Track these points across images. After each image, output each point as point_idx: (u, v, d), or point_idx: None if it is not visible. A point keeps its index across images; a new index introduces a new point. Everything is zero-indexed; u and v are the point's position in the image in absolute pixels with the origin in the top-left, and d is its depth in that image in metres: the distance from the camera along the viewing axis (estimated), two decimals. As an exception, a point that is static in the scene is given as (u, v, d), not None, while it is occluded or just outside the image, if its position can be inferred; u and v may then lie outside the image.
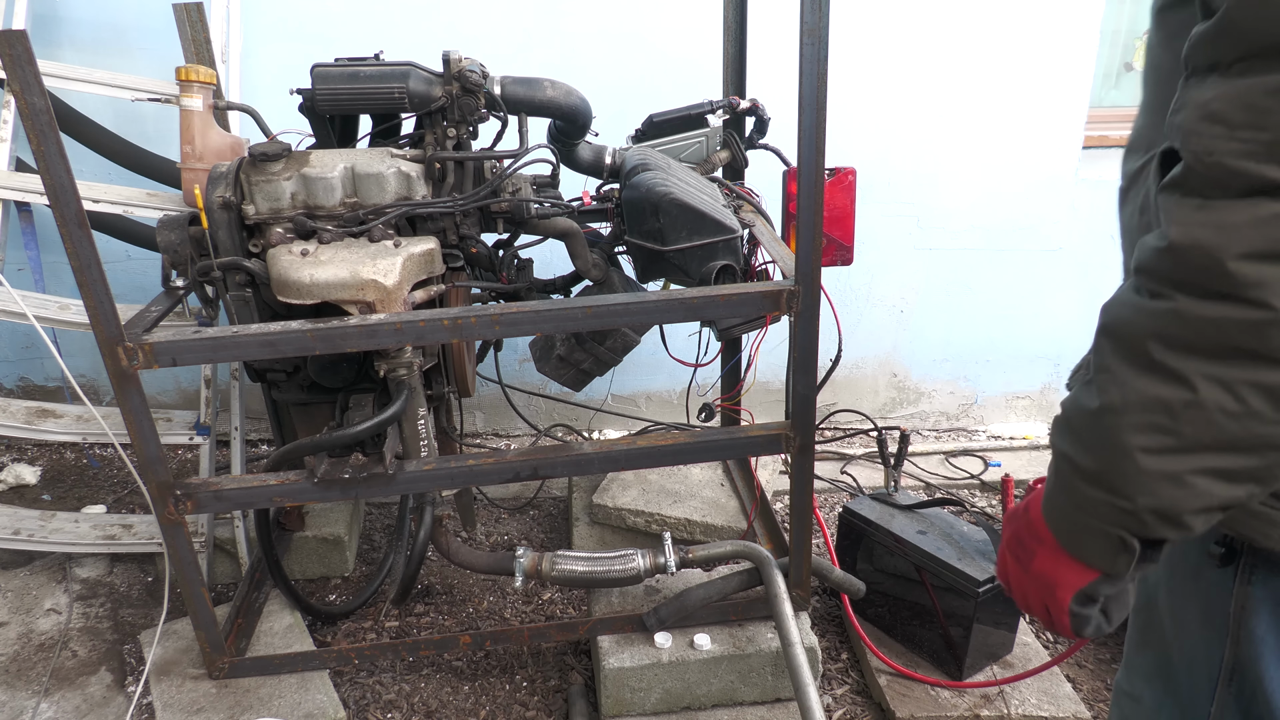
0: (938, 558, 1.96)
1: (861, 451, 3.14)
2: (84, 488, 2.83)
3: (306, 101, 1.84)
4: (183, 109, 1.99)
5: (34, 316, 2.07)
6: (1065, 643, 2.24)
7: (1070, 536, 0.84)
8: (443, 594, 2.41)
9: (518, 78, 1.87)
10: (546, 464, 1.82)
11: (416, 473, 1.80)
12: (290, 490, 1.78)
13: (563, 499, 2.87)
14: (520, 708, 2.03)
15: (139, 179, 2.54)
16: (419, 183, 1.78)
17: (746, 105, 2.23)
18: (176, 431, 2.26)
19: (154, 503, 1.72)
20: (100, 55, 2.62)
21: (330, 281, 1.63)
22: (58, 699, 2.00)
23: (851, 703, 2.04)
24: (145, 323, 1.63)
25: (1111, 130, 3.23)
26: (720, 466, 2.68)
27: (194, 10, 2.30)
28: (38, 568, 2.43)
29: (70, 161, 1.41)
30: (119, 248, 2.74)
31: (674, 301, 1.68)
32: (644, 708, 1.93)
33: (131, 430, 1.63)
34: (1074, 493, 0.82)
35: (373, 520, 2.75)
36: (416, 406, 1.85)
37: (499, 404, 3.15)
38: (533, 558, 1.98)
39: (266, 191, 1.70)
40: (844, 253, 2.16)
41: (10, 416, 2.25)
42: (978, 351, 3.30)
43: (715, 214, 1.87)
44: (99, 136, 2.51)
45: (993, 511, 2.81)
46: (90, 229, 1.46)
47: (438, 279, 1.84)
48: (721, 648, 1.93)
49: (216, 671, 1.92)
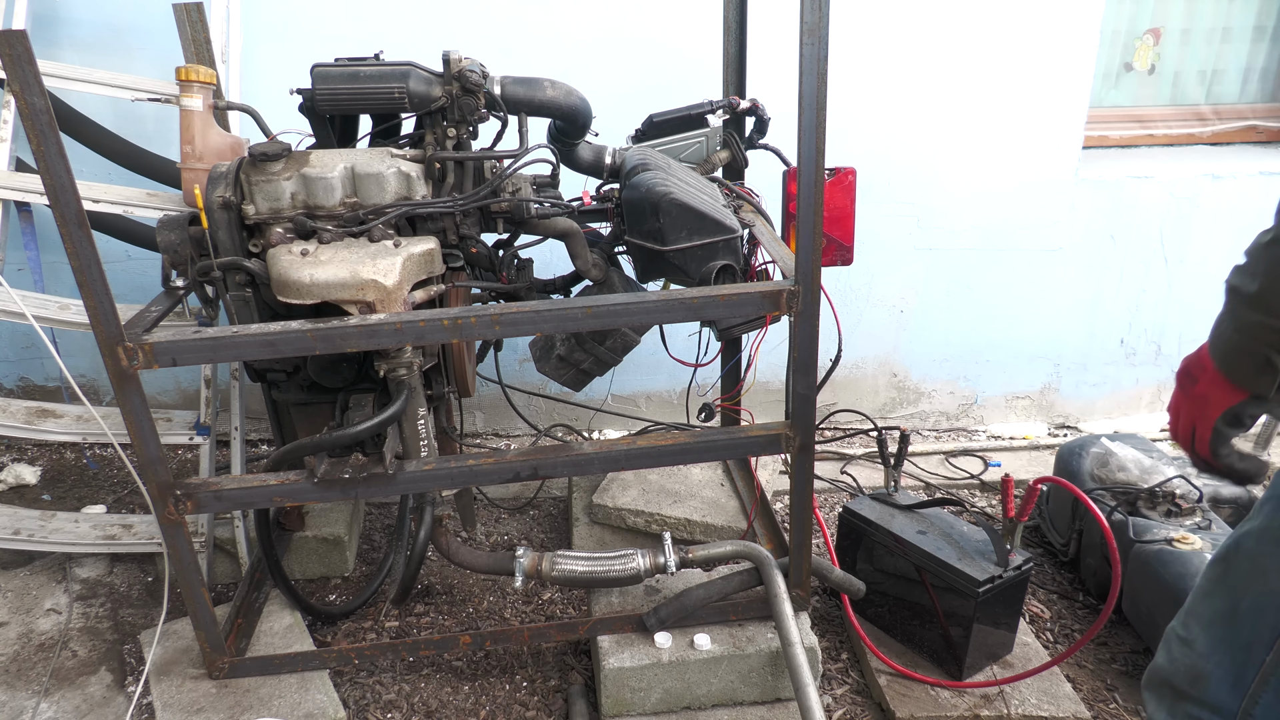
0: (938, 558, 1.96)
1: (861, 451, 3.14)
2: (84, 488, 2.83)
3: (306, 101, 1.84)
4: (183, 109, 1.99)
5: (34, 316, 2.07)
6: (1065, 643, 2.24)
7: (1226, 358, 1.03)
8: (443, 594, 2.41)
9: (518, 78, 1.87)
10: (546, 464, 1.82)
11: (416, 473, 1.80)
12: (290, 490, 1.78)
13: (563, 499, 2.87)
14: (520, 708, 2.03)
15: (139, 179, 2.54)
16: (419, 183, 1.78)
17: (746, 105, 2.23)
18: (176, 431, 2.26)
19: (154, 503, 1.72)
20: (100, 55, 2.62)
21: (330, 281, 1.63)
22: (58, 699, 2.00)
23: (851, 703, 2.04)
24: (145, 323, 1.63)
25: (1111, 130, 3.23)
26: (720, 466, 2.68)
27: (194, 10, 2.30)
28: (38, 568, 2.43)
29: (70, 161, 1.41)
30: (119, 248, 2.74)
31: (674, 301, 1.68)
32: (644, 708, 1.93)
33: (131, 430, 1.63)
34: (1236, 317, 1.00)
35: (373, 520, 2.75)
36: (416, 406, 1.85)
37: (499, 404, 3.15)
38: (533, 558, 1.98)
39: (266, 191, 1.70)
40: (844, 253, 2.16)
41: (10, 416, 2.25)
42: (978, 351, 3.30)
43: (715, 214, 1.87)
44: (99, 136, 2.51)
45: (993, 511, 2.81)
46: (90, 229, 1.46)
47: (438, 279, 1.84)
48: (721, 648, 1.93)
49: (216, 671, 1.92)
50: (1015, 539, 1.96)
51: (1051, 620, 2.31)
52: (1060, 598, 2.39)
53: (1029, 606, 2.34)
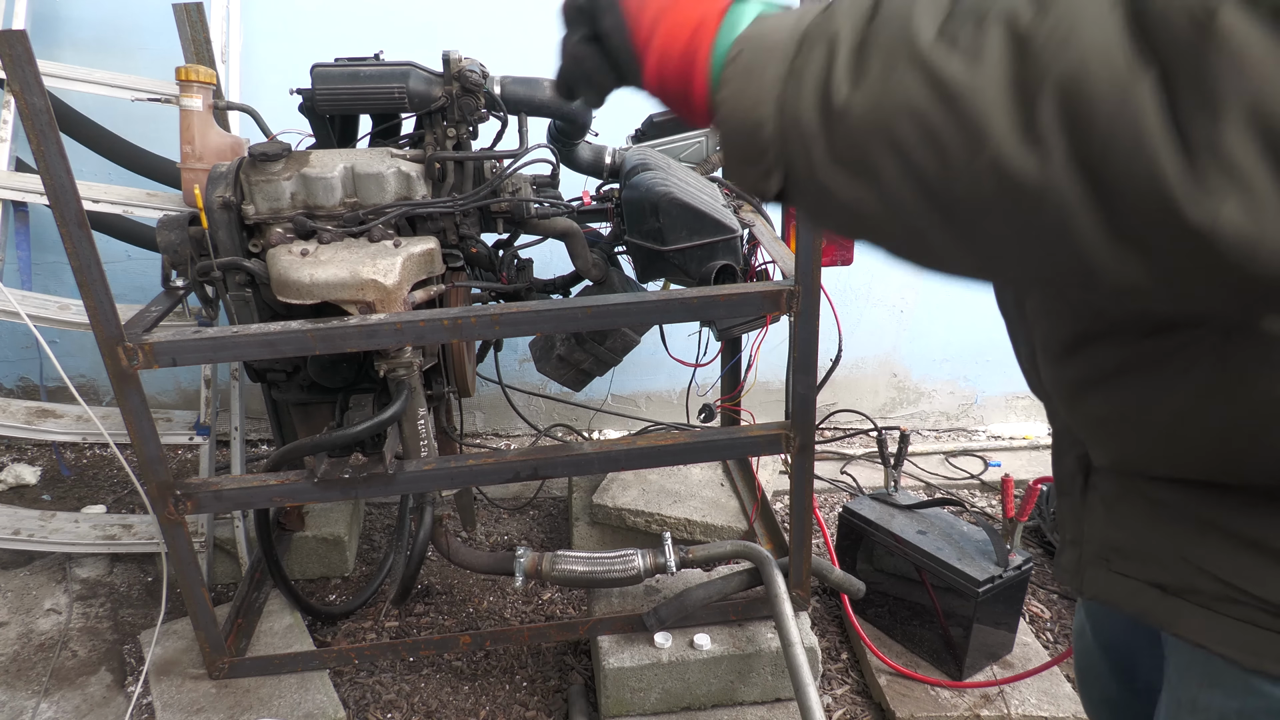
0: (938, 558, 1.96)
1: (861, 451, 3.14)
2: (84, 488, 2.83)
3: (306, 101, 1.84)
4: (183, 109, 1.99)
5: (32, 317, 2.07)
6: (1065, 643, 2.23)
7: None
8: (443, 594, 2.41)
9: (518, 78, 1.87)
10: (546, 464, 1.82)
11: (416, 473, 1.80)
12: (290, 490, 1.78)
13: (563, 499, 2.87)
14: (520, 708, 2.03)
15: (139, 179, 2.54)
16: (419, 183, 1.78)
17: (746, 105, 2.23)
18: (176, 431, 2.26)
19: (154, 503, 1.72)
20: (100, 55, 2.62)
21: (330, 281, 1.63)
22: (58, 699, 2.00)
23: (851, 703, 2.04)
24: (145, 323, 1.63)
25: (1111, 130, 3.22)
26: (720, 466, 2.67)
27: (194, 10, 2.29)
28: (38, 568, 2.43)
29: (70, 161, 1.41)
30: (119, 248, 2.74)
31: (674, 301, 1.68)
32: (644, 708, 1.93)
33: (131, 430, 1.63)
34: None
35: (373, 520, 2.75)
36: (416, 406, 1.85)
37: (499, 404, 3.15)
38: (533, 558, 1.98)
39: (266, 191, 1.70)
40: (844, 253, 2.16)
41: (10, 416, 2.25)
42: (978, 351, 3.30)
43: (715, 214, 1.87)
44: (99, 136, 2.50)
45: (993, 511, 2.81)
46: (90, 229, 1.46)
47: (438, 279, 1.84)
48: (721, 648, 1.93)
49: (216, 671, 1.92)
50: (1015, 539, 1.96)
51: (1051, 620, 2.31)
52: (1060, 598, 2.39)
53: (1029, 606, 2.34)
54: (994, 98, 0.47)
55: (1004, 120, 0.47)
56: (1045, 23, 0.45)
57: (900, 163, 0.52)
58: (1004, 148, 0.47)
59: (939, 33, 0.49)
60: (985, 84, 0.47)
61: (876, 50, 0.52)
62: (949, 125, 0.49)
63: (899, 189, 0.53)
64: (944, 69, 0.49)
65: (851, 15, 0.55)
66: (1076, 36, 0.44)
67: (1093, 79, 0.44)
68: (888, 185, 0.53)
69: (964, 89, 0.48)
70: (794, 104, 0.56)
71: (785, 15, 0.61)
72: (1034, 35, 0.46)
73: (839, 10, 0.56)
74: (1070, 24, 0.45)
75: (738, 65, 0.60)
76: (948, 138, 0.49)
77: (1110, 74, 0.44)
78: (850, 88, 0.53)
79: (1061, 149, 0.45)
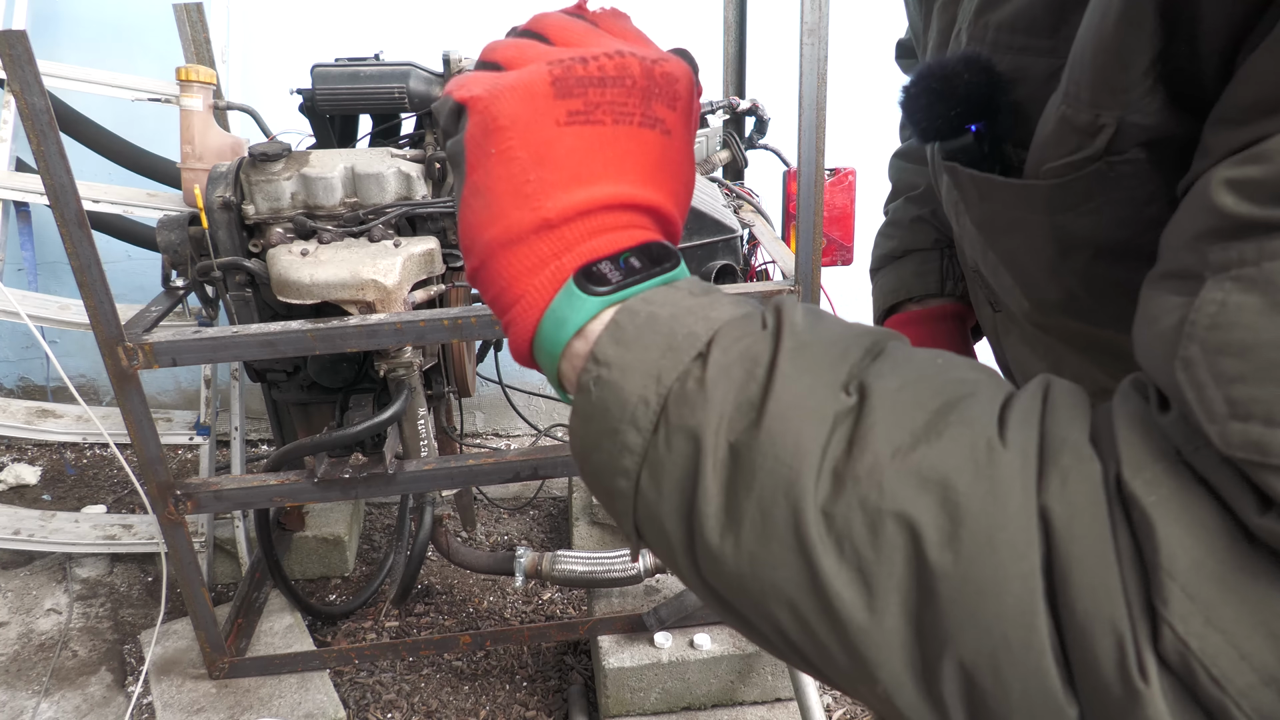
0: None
1: (861, 451, 3.13)
2: (84, 488, 2.83)
3: (306, 101, 1.84)
4: (183, 109, 1.99)
5: (33, 316, 2.07)
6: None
7: None
8: (443, 594, 2.41)
9: (518, 78, 1.87)
10: (546, 464, 1.82)
11: (416, 473, 1.80)
12: (290, 490, 1.78)
13: (563, 499, 2.87)
14: (520, 708, 2.03)
15: (139, 179, 2.54)
16: (419, 182, 1.78)
17: (746, 105, 2.23)
18: (176, 431, 2.26)
19: (154, 503, 1.72)
20: (100, 55, 2.62)
21: (330, 281, 1.63)
22: (58, 699, 2.00)
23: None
24: (145, 323, 1.63)
25: (1111, 130, 3.22)
26: (720, 466, 2.67)
27: (194, 10, 2.30)
28: (38, 568, 2.43)
29: (70, 161, 1.41)
30: (119, 248, 2.74)
31: (674, 301, 1.68)
32: (644, 708, 1.93)
33: (132, 430, 1.63)
34: None
35: (373, 520, 2.75)
36: (416, 406, 1.85)
37: (499, 404, 3.15)
38: (533, 558, 1.98)
39: (266, 191, 1.70)
40: (844, 253, 2.16)
41: (10, 416, 2.26)
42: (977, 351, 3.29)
43: (715, 214, 1.87)
44: (99, 136, 2.50)
45: (993, 511, 2.81)
46: (90, 229, 1.46)
47: (438, 279, 1.84)
48: (721, 647, 1.93)
49: (217, 671, 1.92)
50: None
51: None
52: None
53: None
54: (891, 647, 0.37)
55: (899, 669, 0.38)
56: (957, 567, 0.35)
57: (775, 633, 0.41)
58: (898, 696, 0.38)
59: (823, 513, 0.38)
60: (878, 627, 0.37)
61: (749, 495, 0.39)
62: (833, 643, 0.39)
63: (770, 641, 0.43)
64: (830, 583, 0.37)
65: (725, 408, 0.40)
66: (989, 604, 0.35)
67: (1004, 672, 0.35)
68: (757, 633, 0.43)
69: (854, 627, 0.37)
70: (653, 501, 0.42)
71: (648, 334, 0.43)
72: (941, 581, 0.36)
73: (713, 386, 0.40)
74: (980, 586, 0.35)
75: (590, 400, 0.43)
76: (834, 653, 0.39)
77: (1026, 683, 0.35)
78: (720, 531, 0.40)
79: (961, 716, 0.37)
